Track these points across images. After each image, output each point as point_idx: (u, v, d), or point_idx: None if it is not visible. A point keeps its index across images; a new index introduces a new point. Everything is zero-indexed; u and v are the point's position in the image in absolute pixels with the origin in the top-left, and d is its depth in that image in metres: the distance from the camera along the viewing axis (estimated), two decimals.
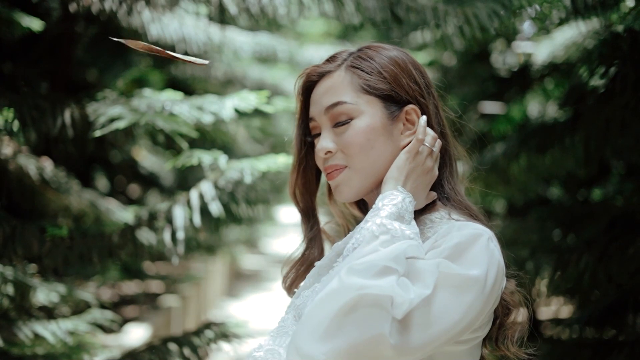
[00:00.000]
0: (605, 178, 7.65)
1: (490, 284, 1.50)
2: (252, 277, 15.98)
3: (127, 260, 3.45)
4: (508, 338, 1.69)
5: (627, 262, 3.93)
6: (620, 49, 3.24)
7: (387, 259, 1.43)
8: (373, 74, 1.65)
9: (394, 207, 1.54)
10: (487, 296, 1.50)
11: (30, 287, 3.90)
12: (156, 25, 4.83)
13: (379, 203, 1.56)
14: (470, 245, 1.51)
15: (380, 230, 1.49)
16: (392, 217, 1.52)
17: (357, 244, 1.51)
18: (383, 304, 1.38)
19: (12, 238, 3.20)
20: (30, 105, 3.15)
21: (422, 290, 1.43)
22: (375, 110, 1.64)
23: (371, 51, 1.70)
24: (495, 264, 1.52)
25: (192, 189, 3.17)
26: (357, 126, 1.63)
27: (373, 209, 1.56)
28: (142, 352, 3.27)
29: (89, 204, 4.98)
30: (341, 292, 1.39)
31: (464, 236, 1.52)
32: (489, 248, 1.53)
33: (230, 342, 3.29)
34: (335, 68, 1.69)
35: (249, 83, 8.29)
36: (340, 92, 1.65)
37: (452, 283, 1.46)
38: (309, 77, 1.71)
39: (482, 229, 1.56)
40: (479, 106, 7.90)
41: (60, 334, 3.85)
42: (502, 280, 1.56)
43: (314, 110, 1.69)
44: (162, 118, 2.99)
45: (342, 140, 1.64)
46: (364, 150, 1.63)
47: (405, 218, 1.54)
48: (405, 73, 1.68)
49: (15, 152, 4.44)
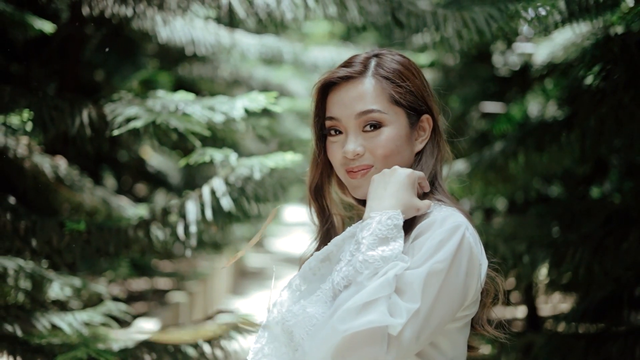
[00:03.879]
0: (604, 176, 7.79)
1: (465, 271, 1.69)
2: (257, 275, 16.14)
3: (141, 254, 3.62)
4: (485, 320, 1.89)
5: (622, 256, 4.07)
6: (611, 51, 3.39)
7: (374, 292, 1.61)
8: (403, 87, 1.84)
9: (372, 236, 1.68)
10: (465, 281, 1.69)
11: (48, 280, 4.07)
12: (166, 27, 5.00)
13: (359, 235, 1.71)
14: (449, 238, 1.68)
15: (363, 266, 1.65)
16: (373, 247, 1.66)
17: (345, 281, 1.66)
18: (376, 338, 1.57)
19: (32, 232, 3.37)
20: (49, 106, 3.32)
21: (411, 305, 1.61)
22: (401, 120, 1.84)
23: (397, 65, 1.86)
24: (467, 251, 1.70)
25: (204, 185, 3.34)
26: (388, 134, 1.82)
27: (355, 242, 1.70)
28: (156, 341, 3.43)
29: (102, 201, 5.15)
30: (335, 336, 1.58)
31: (445, 232, 1.69)
32: (465, 238, 1.70)
33: (240, 332, 3.45)
34: (362, 74, 1.85)
35: (255, 83, 8.46)
36: (373, 100, 1.82)
37: (437, 285, 1.64)
38: (330, 79, 1.87)
39: (461, 221, 1.73)
40: (480, 106, 8.05)
41: (76, 325, 4.02)
42: (478, 264, 1.73)
43: (338, 111, 1.85)
44: (176, 118, 3.17)
45: (371, 144, 1.82)
46: (392, 156, 1.82)
47: (390, 236, 1.68)
48: (426, 87, 1.89)
49: (31, 151, 4.61)
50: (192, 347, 3.39)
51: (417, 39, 5.97)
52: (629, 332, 4.16)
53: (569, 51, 5.84)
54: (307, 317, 1.68)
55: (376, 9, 3.51)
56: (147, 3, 3.66)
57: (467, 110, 8.29)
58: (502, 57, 7.93)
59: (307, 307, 1.70)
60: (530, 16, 3.46)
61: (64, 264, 3.92)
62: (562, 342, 4.28)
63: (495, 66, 7.94)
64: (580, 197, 7.59)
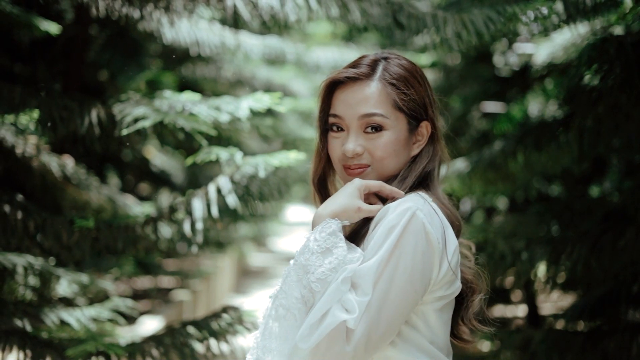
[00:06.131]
0: (604, 175, 7.86)
1: (421, 250, 1.76)
2: (260, 273, 16.23)
3: (147, 252, 3.70)
4: (471, 314, 1.97)
5: (619, 253, 4.13)
6: (607, 52, 3.46)
7: (327, 302, 1.71)
8: (407, 95, 1.92)
9: (313, 255, 1.77)
10: (422, 261, 1.76)
11: (56, 277, 4.16)
12: (171, 29, 5.08)
13: (301, 259, 1.80)
14: (398, 222, 1.76)
15: (318, 285, 1.74)
16: (320, 263, 1.76)
17: (306, 304, 1.76)
18: (337, 337, 1.68)
19: (42, 229, 3.46)
20: (59, 106, 3.40)
21: (363, 298, 1.71)
22: (402, 126, 1.92)
23: (403, 71, 1.94)
24: (418, 231, 1.76)
25: (210, 183, 3.43)
26: (387, 137, 1.90)
27: (300, 267, 1.79)
28: (163, 336, 3.51)
29: (108, 199, 5.25)
30: (299, 354, 1.71)
31: (394, 217, 1.77)
32: (414, 218, 1.77)
33: (246, 327, 3.54)
34: (368, 76, 1.93)
35: (258, 84, 8.54)
36: (378, 104, 1.90)
37: (389, 271, 1.73)
38: (338, 77, 1.95)
39: (412, 204, 1.80)
40: (481, 106, 8.12)
41: (84, 320, 4.10)
42: (437, 244, 1.79)
43: (342, 110, 1.93)
44: (183, 118, 3.25)
45: (371, 145, 1.90)
46: (389, 158, 1.91)
47: (329, 246, 1.78)
48: (429, 94, 1.97)
49: (39, 150, 4.70)
50: (199, 342, 3.48)
51: (417, 40, 6.04)
52: (625, 328, 4.22)
53: (568, 52, 5.91)
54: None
55: (378, 11, 3.59)
56: (153, 5, 3.74)
57: (468, 110, 8.36)
58: (502, 58, 8.00)
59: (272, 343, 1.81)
60: (528, 19, 3.53)
61: (73, 260, 4.01)
62: (560, 338, 4.34)
63: (496, 66, 8.02)
64: (579, 196, 7.66)
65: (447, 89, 7.83)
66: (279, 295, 1.82)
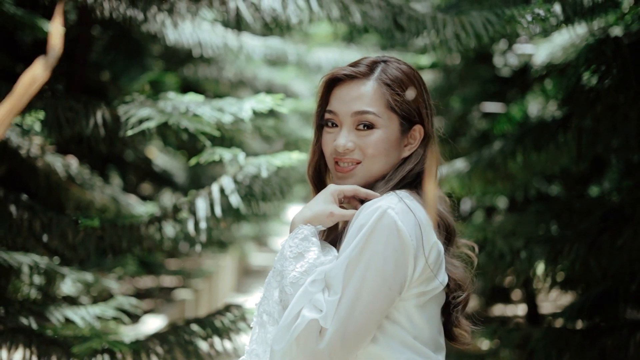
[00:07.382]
0: (603, 175, 7.90)
1: (393, 247, 1.78)
2: (261, 273, 16.28)
3: (150, 251, 3.76)
4: (460, 313, 1.98)
5: (617, 252, 4.17)
6: (604, 53, 3.51)
7: (297, 305, 1.76)
8: (401, 96, 1.96)
9: (287, 261, 1.83)
10: (395, 258, 1.78)
11: (61, 276, 4.21)
12: (174, 30, 5.13)
13: (278, 265, 1.87)
14: (367, 221, 1.80)
15: (291, 288, 1.80)
16: (293, 267, 1.82)
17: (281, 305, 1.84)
18: (310, 335, 1.73)
19: (48, 229, 3.51)
20: (65, 107, 3.46)
21: (333, 297, 1.75)
22: (394, 126, 1.96)
23: (400, 74, 1.98)
24: (389, 229, 1.79)
25: (213, 183, 3.48)
26: (378, 136, 1.94)
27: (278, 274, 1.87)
28: (167, 334, 3.57)
29: (111, 199, 5.30)
30: (274, 356, 1.77)
31: (364, 216, 1.81)
32: (385, 216, 1.79)
33: (249, 325, 3.58)
34: (366, 76, 1.97)
35: (259, 84, 8.59)
36: (371, 103, 1.95)
37: (360, 269, 1.76)
38: (336, 74, 2.00)
39: (383, 203, 1.83)
40: (481, 106, 8.17)
41: (88, 318, 4.16)
42: (410, 241, 1.80)
43: (337, 106, 1.98)
44: (187, 119, 3.31)
45: (362, 142, 1.94)
46: (379, 156, 1.94)
47: (302, 251, 1.84)
48: (424, 99, 2.01)
49: (43, 150, 4.75)
50: (203, 339, 3.53)
51: (417, 41, 6.09)
52: (623, 326, 4.26)
53: (568, 52, 5.96)
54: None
55: (378, 13, 3.64)
56: (157, 8, 3.79)
57: (468, 110, 8.42)
58: (502, 58, 8.05)
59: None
60: (526, 21, 3.57)
61: (78, 259, 4.06)
62: (559, 336, 4.38)
63: (495, 67, 8.07)
64: (578, 195, 7.70)
65: (447, 90, 7.89)
66: (262, 302, 1.91)
